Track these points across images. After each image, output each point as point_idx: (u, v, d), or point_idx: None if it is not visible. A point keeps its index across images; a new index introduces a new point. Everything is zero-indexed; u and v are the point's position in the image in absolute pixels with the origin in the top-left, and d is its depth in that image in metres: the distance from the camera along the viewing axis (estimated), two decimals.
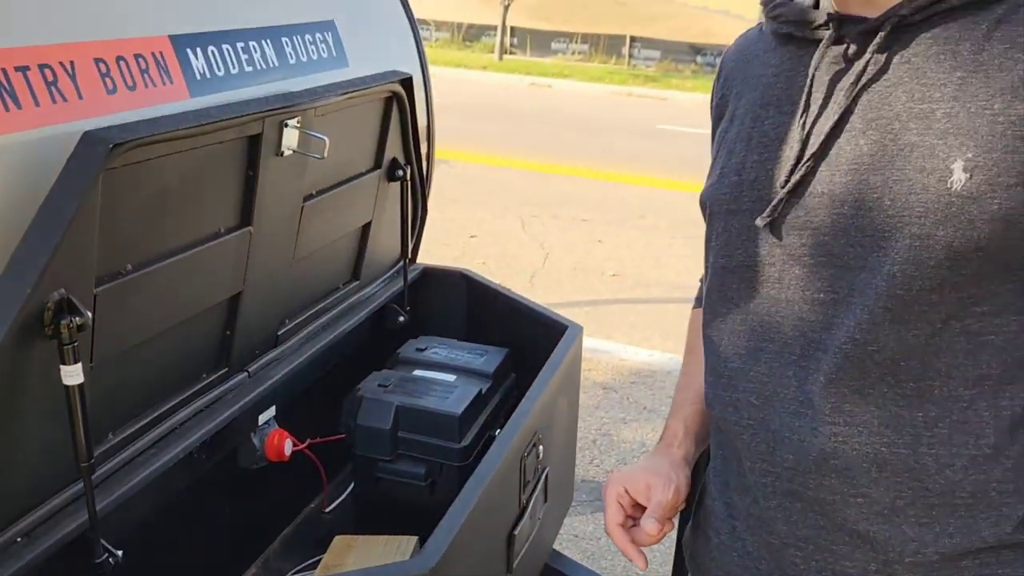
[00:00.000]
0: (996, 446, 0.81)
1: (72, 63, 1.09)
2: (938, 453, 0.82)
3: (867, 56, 0.83)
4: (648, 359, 4.07)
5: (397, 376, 1.67)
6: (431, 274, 2.03)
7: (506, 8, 18.98)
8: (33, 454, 1.02)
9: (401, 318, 1.88)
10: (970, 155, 0.77)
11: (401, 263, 1.94)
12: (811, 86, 0.88)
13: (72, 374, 0.98)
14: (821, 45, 0.87)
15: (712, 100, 1.06)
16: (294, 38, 1.56)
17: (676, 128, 11.68)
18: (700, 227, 1.03)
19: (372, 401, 1.58)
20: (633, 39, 21.03)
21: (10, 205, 0.97)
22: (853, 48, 0.85)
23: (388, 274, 1.96)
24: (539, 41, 21.66)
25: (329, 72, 1.64)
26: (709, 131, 1.07)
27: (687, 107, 15.04)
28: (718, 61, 1.07)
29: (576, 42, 21.44)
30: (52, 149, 1.01)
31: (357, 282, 1.83)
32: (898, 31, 0.82)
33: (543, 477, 1.51)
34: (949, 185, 0.78)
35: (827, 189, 0.86)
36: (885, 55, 0.83)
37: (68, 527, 1.04)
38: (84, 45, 1.12)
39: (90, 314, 0.98)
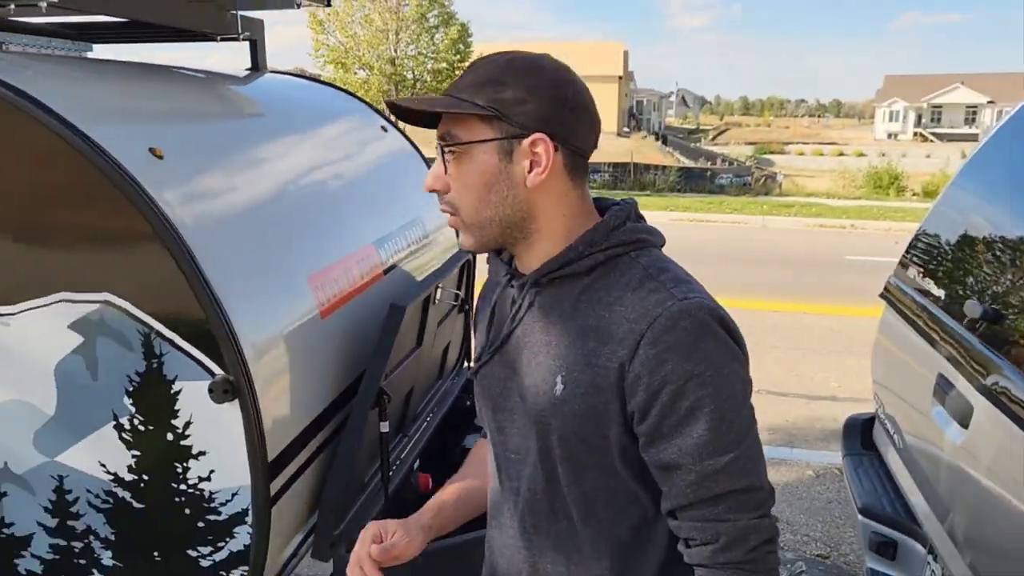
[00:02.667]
0: (611, 568, 1.16)
1: (349, 268, 2.05)
2: (579, 570, 1.17)
3: (520, 301, 1.18)
4: None
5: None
6: None
7: None
8: (362, 472, 1.92)
9: (469, 402, 2.82)
10: (564, 372, 1.10)
11: (461, 365, 2.90)
12: (494, 311, 1.25)
13: (385, 427, 1.90)
14: (501, 288, 1.25)
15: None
16: (410, 229, 2.56)
17: None
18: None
19: None
20: None
21: (345, 335, 1.91)
22: (516, 294, 1.20)
23: (453, 372, 2.91)
24: None
25: (427, 250, 2.64)
26: None
27: None
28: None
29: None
30: (357, 310, 1.97)
31: (441, 379, 2.77)
32: (536, 286, 1.16)
33: None
34: (555, 392, 1.10)
35: (500, 378, 1.20)
36: (530, 301, 1.17)
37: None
38: (351, 256, 2.08)
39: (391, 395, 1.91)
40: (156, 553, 1.61)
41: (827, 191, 20.74)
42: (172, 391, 1.52)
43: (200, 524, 1.58)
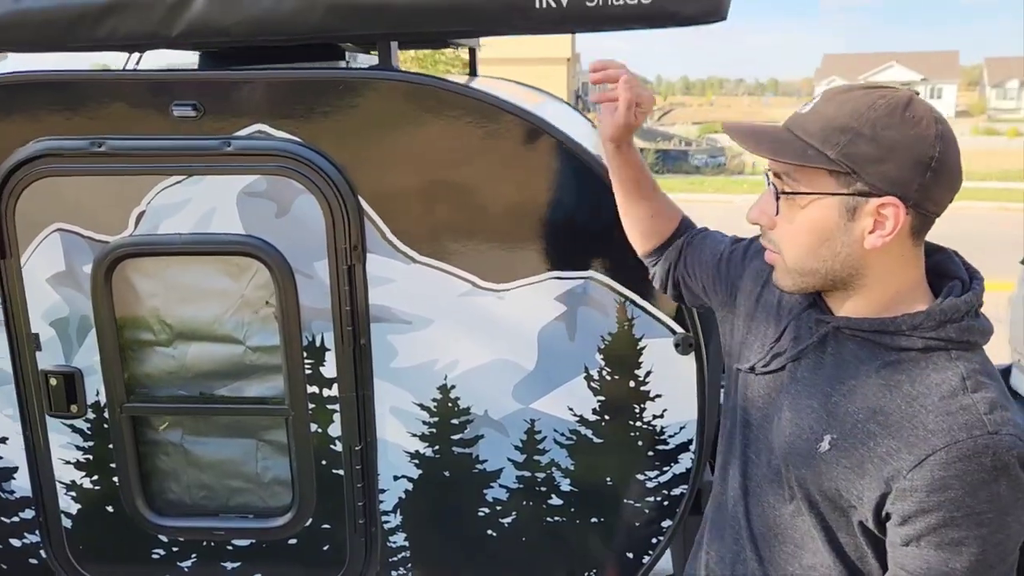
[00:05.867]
0: None
1: None
2: None
3: (815, 335, 1.15)
4: None
5: None
6: None
7: None
8: None
9: None
10: (835, 435, 1.08)
11: None
12: (784, 329, 1.21)
13: None
14: (803, 307, 1.19)
15: (736, 254, 1.42)
16: None
17: None
18: None
19: None
20: None
21: None
22: (813, 325, 1.16)
23: None
24: None
25: None
26: None
27: None
28: None
29: None
30: None
31: None
32: (836, 332, 1.13)
33: None
34: (818, 447, 1.09)
35: (766, 396, 1.21)
36: (824, 341, 1.14)
37: None
38: None
39: None
40: (609, 479, 2.01)
41: None
42: (638, 347, 1.92)
43: (650, 453, 1.98)
